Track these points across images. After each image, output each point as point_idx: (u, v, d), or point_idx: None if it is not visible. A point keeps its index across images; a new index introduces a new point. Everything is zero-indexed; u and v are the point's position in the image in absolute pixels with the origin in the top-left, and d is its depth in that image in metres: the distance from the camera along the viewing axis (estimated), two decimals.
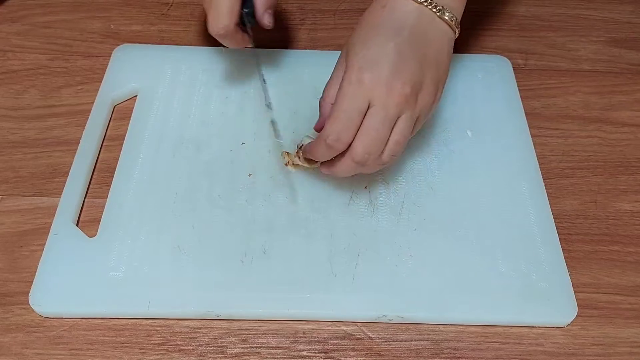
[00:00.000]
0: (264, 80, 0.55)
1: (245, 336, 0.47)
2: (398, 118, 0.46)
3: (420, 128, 0.49)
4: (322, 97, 0.50)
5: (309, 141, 0.52)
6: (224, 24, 0.50)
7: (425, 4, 0.47)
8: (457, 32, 0.50)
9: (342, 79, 0.47)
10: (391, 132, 0.46)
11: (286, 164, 0.55)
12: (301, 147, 0.53)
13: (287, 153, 0.55)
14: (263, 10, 0.53)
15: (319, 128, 0.49)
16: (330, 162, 0.49)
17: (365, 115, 0.46)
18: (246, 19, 0.53)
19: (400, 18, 0.47)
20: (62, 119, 0.59)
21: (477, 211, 0.53)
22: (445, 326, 0.48)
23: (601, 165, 0.59)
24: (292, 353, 0.46)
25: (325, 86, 0.50)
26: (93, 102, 0.59)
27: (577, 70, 0.67)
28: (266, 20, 0.53)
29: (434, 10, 0.48)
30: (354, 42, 0.48)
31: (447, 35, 0.49)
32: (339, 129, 0.46)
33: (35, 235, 0.51)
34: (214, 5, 0.50)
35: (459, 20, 0.50)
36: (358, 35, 0.48)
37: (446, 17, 0.48)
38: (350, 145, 0.47)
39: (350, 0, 0.72)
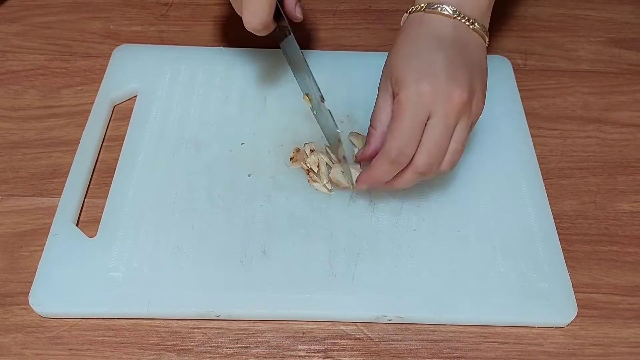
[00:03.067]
0: (311, 73, 0.53)
1: (245, 336, 0.47)
2: (456, 125, 0.46)
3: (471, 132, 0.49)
4: (370, 126, 0.49)
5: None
6: (262, 20, 0.48)
7: (459, 18, 0.48)
8: (487, 41, 0.50)
9: (400, 95, 0.46)
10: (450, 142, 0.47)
11: (291, 159, 0.55)
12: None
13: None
14: (294, 4, 0.53)
15: (364, 158, 0.50)
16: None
17: (425, 126, 0.46)
18: (281, 10, 0.52)
19: (439, 30, 0.48)
20: (62, 119, 0.59)
21: (477, 211, 0.53)
22: (444, 326, 0.48)
23: (600, 166, 0.59)
24: (292, 353, 0.46)
25: (373, 114, 0.49)
26: (93, 103, 0.59)
27: (577, 71, 0.67)
28: (298, 13, 0.53)
29: (467, 23, 0.48)
30: (397, 60, 0.48)
31: (482, 45, 0.49)
32: (402, 145, 0.46)
33: (35, 235, 0.51)
34: (250, 1, 0.48)
35: (487, 29, 0.50)
36: (400, 53, 0.48)
37: (477, 27, 0.49)
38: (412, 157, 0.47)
39: (350, 1, 0.72)
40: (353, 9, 0.71)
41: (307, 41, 0.67)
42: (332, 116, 0.52)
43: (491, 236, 0.51)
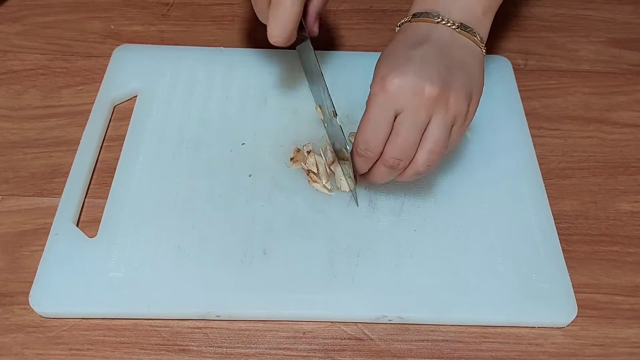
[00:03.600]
0: (326, 87, 0.53)
1: (246, 336, 0.47)
2: (429, 123, 0.45)
3: (458, 141, 0.48)
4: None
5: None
6: (288, 35, 0.49)
7: (443, 22, 0.48)
8: (483, 50, 0.49)
9: (370, 90, 0.46)
10: (425, 140, 0.46)
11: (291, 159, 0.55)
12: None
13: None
14: (314, 20, 0.53)
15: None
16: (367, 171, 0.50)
17: (395, 121, 0.46)
18: (303, 23, 0.52)
19: (422, 34, 0.48)
20: (62, 119, 0.59)
21: (477, 211, 0.53)
22: (445, 326, 0.48)
23: (601, 166, 0.59)
24: (292, 353, 0.46)
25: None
26: (93, 103, 0.59)
27: (577, 71, 0.67)
28: (316, 28, 0.53)
29: (453, 27, 0.48)
30: (381, 58, 0.48)
31: (473, 50, 0.48)
32: (367, 139, 0.46)
33: (35, 235, 0.51)
34: (278, 15, 0.48)
35: (484, 37, 0.49)
36: (385, 53, 0.48)
37: (466, 32, 0.48)
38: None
39: (350, 0, 0.72)
40: (354, 9, 0.71)
41: None
42: (342, 133, 0.51)
43: (491, 236, 0.51)
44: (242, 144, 0.57)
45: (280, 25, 0.48)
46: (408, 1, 0.51)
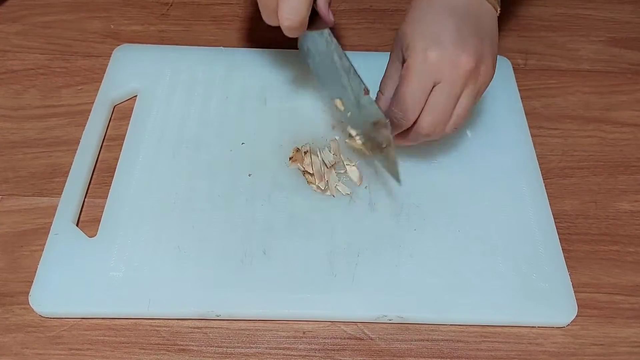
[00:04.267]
0: (352, 66, 0.50)
1: (245, 336, 0.47)
2: (462, 92, 0.48)
3: (479, 100, 0.51)
4: (379, 91, 0.51)
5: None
6: (302, 17, 0.47)
7: None
8: (498, 11, 0.51)
9: (408, 61, 0.47)
10: (456, 106, 0.48)
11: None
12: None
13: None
14: (327, 7, 0.51)
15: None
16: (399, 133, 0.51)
17: (431, 91, 0.47)
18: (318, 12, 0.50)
19: (451, 0, 0.49)
20: (62, 119, 0.59)
21: (477, 211, 0.53)
22: (445, 326, 0.48)
23: (601, 165, 0.59)
24: (292, 353, 0.46)
25: (382, 81, 0.52)
26: (93, 102, 0.59)
27: (577, 70, 0.67)
28: (331, 16, 0.51)
29: None
30: (408, 28, 0.49)
31: (492, 14, 0.51)
32: (405, 109, 0.48)
33: (35, 235, 0.51)
34: None
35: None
36: (411, 21, 0.49)
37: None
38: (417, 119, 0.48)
39: (350, 1, 0.72)
40: (353, 9, 0.71)
41: None
42: (376, 106, 0.49)
43: (491, 236, 0.51)
44: (242, 143, 0.57)
45: (293, 6, 0.46)
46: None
